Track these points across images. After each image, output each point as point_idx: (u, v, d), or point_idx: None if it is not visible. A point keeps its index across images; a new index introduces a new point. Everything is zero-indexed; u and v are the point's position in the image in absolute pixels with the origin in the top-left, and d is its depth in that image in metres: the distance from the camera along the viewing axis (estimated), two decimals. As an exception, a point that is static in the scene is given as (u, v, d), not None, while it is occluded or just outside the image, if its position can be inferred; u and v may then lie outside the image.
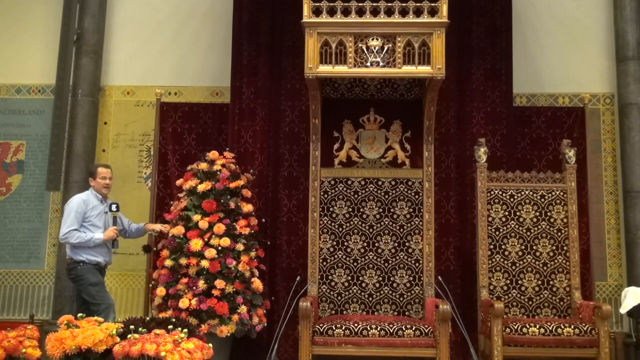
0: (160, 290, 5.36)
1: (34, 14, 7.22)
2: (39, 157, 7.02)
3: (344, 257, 5.71)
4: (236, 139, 6.24)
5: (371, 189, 5.81)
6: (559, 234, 5.66)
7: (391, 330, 4.96)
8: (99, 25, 7.03)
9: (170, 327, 3.27)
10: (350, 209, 5.78)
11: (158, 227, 5.65)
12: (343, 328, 4.97)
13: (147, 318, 3.66)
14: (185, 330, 3.28)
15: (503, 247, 5.67)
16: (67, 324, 3.51)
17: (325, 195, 5.80)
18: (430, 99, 5.54)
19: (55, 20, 6.94)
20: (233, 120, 6.28)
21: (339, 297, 5.65)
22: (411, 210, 5.77)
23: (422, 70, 5.06)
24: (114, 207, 5.30)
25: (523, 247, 5.66)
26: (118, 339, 3.31)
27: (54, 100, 6.86)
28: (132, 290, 6.69)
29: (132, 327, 3.33)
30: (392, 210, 5.77)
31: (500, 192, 5.76)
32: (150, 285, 5.65)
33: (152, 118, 6.48)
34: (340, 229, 5.75)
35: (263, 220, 5.96)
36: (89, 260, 5.15)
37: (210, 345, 3.26)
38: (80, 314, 3.65)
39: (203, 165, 5.75)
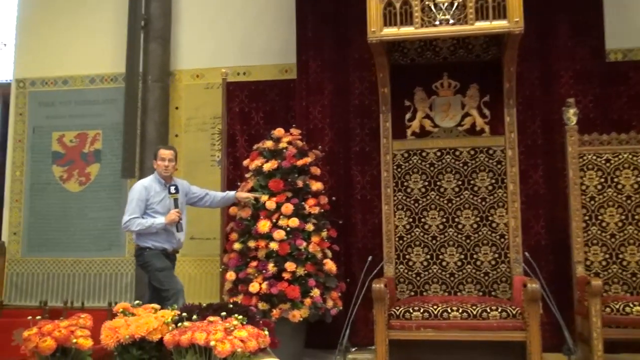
0: (230, 275, 5.22)
1: (100, 3, 7.26)
2: (115, 145, 7.07)
3: (422, 234, 5.38)
4: (304, 115, 6.07)
5: (448, 160, 5.43)
6: (665, 200, 5.06)
7: (475, 312, 4.58)
8: (164, 10, 7.01)
9: (224, 313, 3.04)
10: (426, 183, 5.43)
11: (251, 195, 5.41)
12: (421, 311, 4.65)
13: (204, 304, 3.47)
14: (241, 317, 3.05)
15: (600, 217, 5.16)
16: (123, 312, 3.37)
17: (399, 169, 5.47)
18: (509, 58, 5.05)
19: (122, 7, 6.95)
20: (300, 96, 6.11)
21: (418, 278, 5.32)
22: (493, 181, 5.35)
23: (498, 24, 4.61)
24: (172, 189, 5.08)
25: (623, 217, 5.13)
26: (174, 327, 3.13)
27: (124, 87, 6.90)
28: (210, 276, 6.62)
29: (184, 314, 3.15)
30: (472, 182, 5.38)
31: (594, 157, 5.22)
32: (220, 269, 5.52)
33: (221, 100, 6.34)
34: (417, 204, 5.42)
35: (334, 198, 5.72)
36: (154, 247, 5.02)
37: (267, 332, 3.00)
38: (137, 302, 3.51)
39: (269, 144, 5.56)
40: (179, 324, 3.02)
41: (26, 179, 7.27)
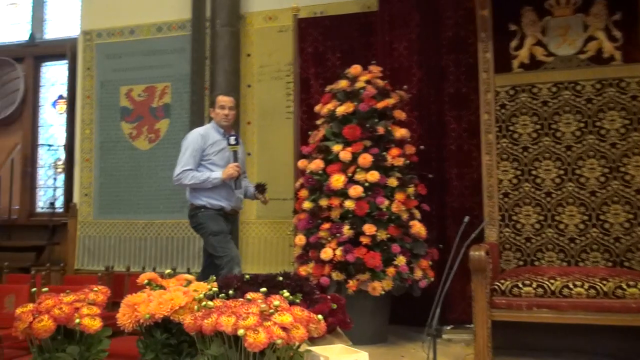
0: (300, 239, 4.54)
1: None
2: (185, 99, 6.67)
3: (533, 190, 4.46)
4: (388, 52, 5.33)
5: (566, 96, 4.45)
6: None
7: (605, 289, 3.61)
8: (233, -54, 6.42)
9: (264, 289, 2.28)
10: (538, 126, 4.50)
11: (262, 197, 4.63)
12: (534, 285, 3.74)
13: (247, 275, 2.74)
14: (288, 294, 2.29)
15: None
16: (148, 284, 2.69)
17: (503, 111, 4.56)
18: (651, -40, 3.94)
19: (186, -53, 6.43)
20: (383, 30, 5.39)
21: (528, 244, 4.40)
22: (627, 122, 4.33)
23: None
24: (232, 140, 4.39)
25: None
26: (205, 304, 2.40)
27: (191, 34, 6.42)
28: (286, 240, 5.98)
29: (214, 290, 2.42)
30: (598, 124, 4.40)
31: None
32: (289, 233, 4.80)
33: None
34: (526, 153, 4.50)
35: (422, 147, 4.88)
36: (211, 205, 4.36)
37: (321, 317, 2.22)
38: (168, 271, 2.83)
39: (343, 84, 4.77)
40: (203, 303, 2.28)
41: (95, 137, 6.97)
